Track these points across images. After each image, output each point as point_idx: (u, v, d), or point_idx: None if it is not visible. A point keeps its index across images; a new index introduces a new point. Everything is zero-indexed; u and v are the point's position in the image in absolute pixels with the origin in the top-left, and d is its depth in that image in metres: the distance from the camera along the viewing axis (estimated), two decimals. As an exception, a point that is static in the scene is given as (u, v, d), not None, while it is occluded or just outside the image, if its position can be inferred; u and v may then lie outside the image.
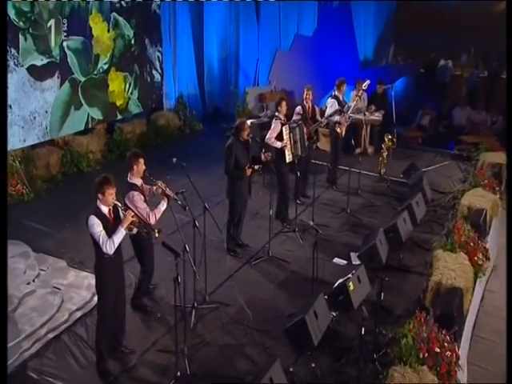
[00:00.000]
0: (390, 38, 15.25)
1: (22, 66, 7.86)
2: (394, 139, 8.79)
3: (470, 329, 5.53)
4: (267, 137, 6.82)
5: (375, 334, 4.96)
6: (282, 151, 6.79)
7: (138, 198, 4.77)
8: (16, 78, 7.83)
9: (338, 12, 11.37)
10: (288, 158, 6.84)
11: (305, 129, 7.16)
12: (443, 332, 4.60)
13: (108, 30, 9.17)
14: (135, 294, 5.27)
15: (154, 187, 4.94)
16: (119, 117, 9.94)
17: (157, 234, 4.31)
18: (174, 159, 5.30)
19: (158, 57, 10.55)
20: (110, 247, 4.11)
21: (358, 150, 10.08)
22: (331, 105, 8.00)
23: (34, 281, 5.51)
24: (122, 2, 9.36)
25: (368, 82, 8.54)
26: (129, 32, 9.63)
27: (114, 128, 9.64)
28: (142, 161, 4.85)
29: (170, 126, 10.46)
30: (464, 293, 5.33)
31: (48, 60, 8.22)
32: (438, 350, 4.39)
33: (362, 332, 4.28)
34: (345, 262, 6.34)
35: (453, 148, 10.72)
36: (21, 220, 6.91)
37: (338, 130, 7.97)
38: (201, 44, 11.42)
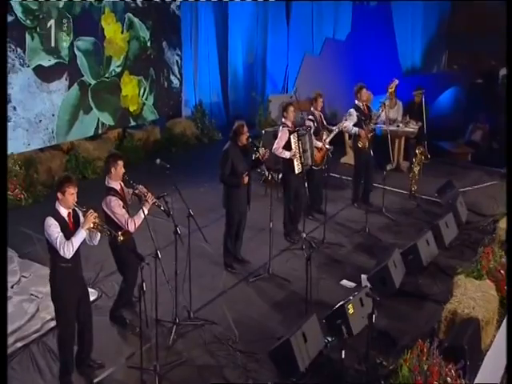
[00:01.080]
0: (444, 42, 14.91)
1: (28, 66, 8.35)
2: (427, 152, 8.61)
3: (501, 369, 5.28)
4: (274, 146, 6.85)
5: (374, 364, 4.85)
6: (290, 161, 6.81)
7: (115, 203, 4.89)
8: (21, 78, 8.32)
9: (375, 13, 11.35)
10: (297, 168, 6.83)
11: (313, 137, 7.18)
12: (449, 366, 4.43)
13: (122, 31, 9.61)
14: (114, 306, 5.38)
15: (136, 191, 5.06)
16: (132, 123, 10.30)
17: (121, 237, 4.40)
18: (158, 160, 5.42)
19: (177, 61, 10.91)
20: (67, 250, 4.16)
21: (390, 166, 9.95)
22: (349, 115, 7.95)
23: (12, 287, 5.73)
24: (138, 2, 9.79)
25: (396, 81, 8.45)
26: (144, 34, 10.04)
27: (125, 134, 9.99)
28: (120, 163, 4.97)
29: (187, 134, 10.71)
30: (483, 325, 5.11)
31: (56, 61, 8.69)
32: (436, 384, 4.23)
33: (343, 356, 4.17)
34: (353, 284, 6.23)
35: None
36: (14, 225, 7.20)
37: (360, 144, 7.90)
38: (225, 48, 11.70)
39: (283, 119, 6.89)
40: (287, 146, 6.79)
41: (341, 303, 5.25)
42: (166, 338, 5.16)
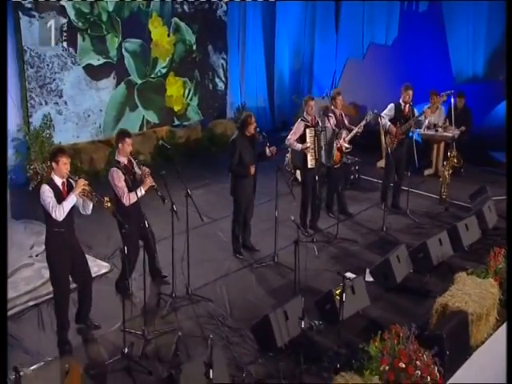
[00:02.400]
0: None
1: (79, 64, 9.21)
2: (458, 156, 8.54)
3: (495, 369, 5.26)
4: (287, 137, 7.15)
5: (356, 348, 4.98)
6: (305, 156, 7.05)
7: (116, 174, 5.38)
8: (73, 75, 9.19)
9: (424, 18, 11.31)
10: (310, 163, 7.06)
11: (341, 136, 7.39)
12: (423, 352, 4.50)
13: (168, 35, 10.31)
14: (118, 277, 5.87)
15: (139, 171, 5.52)
16: (177, 122, 10.95)
17: (108, 204, 4.85)
18: (160, 141, 5.90)
19: (223, 64, 11.48)
20: (59, 213, 4.66)
21: (428, 171, 9.89)
22: (388, 110, 8.07)
23: (37, 256, 6.41)
24: (185, 7, 10.48)
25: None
26: (190, 37, 10.69)
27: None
28: (128, 141, 5.45)
29: (227, 134, 11.16)
30: (473, 319, 5.10)
31: (105, 60, 9.51)
32: (402, 365, 4.32)
33: (302, 325, 4.37)
34: (354, 276, 6.33)
35: None
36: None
37: (388, 140, 8.00)
38: (272, 54, 12.14)
39: (304, 113, 7.16)
40: (303, 140, 7.04)
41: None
42: (163, 309, 5.61)
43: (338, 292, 5.38)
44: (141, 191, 5.40)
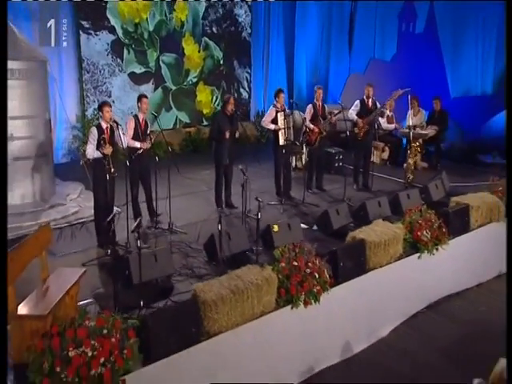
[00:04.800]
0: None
1: (125, 72, 11.23)
2: (422, 145, 9.57)
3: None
4: (262, 120, 8.66)
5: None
6: (276, 135, 8.49)
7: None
8: (119, 80, 11.22)
9: (421, 38, 12.37)
10: (281, 141, 8.48)
11: (315, 127, 8.79)
12: (317, 258, 5.74)
13: (199, 51, 12.17)
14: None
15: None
16: (205, 123, 12.69)
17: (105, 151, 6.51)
18: (152, 112, 7.56)
19: (247, 77, 13.16)
20: (90, 154, 6.47)
21: (405, 165, 10.89)
22: (355, 105, 9.36)
23: (70, 200, 8.25)
24: (214, 29, 12.32)
25: (400, 92, 9.62)
26: (218, 54, 12.49)
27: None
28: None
29: (246, 134, 12.73)
30: (371, 246, 6.21)
31: (145, 69, 11.49)
32: (295, 263, 5.57)
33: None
34: (306, 226, 7.60)
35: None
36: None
37: (356, 130, 9.24)
38: (292, 70, 13.72)
39: (275, 101, 8.64)
40: (275, 123, 8.50)
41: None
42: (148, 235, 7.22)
43: (275, 226, 6.75)
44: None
